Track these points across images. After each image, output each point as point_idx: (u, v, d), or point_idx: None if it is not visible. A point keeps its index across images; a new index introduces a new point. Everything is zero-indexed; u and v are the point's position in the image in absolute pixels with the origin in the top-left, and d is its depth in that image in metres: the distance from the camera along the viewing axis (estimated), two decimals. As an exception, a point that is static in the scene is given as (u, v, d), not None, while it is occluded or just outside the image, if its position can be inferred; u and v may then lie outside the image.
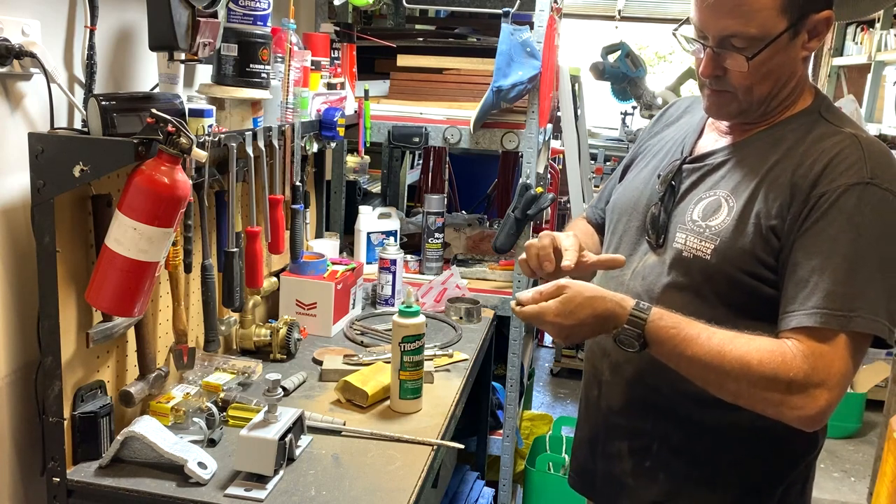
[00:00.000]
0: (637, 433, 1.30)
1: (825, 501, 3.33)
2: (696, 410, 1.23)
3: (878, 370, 4.01)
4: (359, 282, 2.11)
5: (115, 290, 1.21)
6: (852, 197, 1.09)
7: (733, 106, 1.21)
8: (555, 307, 1.13)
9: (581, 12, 6.95)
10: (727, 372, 1.08)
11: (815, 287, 1.08)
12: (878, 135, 4.74)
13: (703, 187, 1.24)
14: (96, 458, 1.32)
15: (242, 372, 1.63)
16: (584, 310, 1.13)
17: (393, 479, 1.32)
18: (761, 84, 1.17)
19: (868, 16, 4.85)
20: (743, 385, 1.08)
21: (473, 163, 3.46)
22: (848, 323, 1.06)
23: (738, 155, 1.23)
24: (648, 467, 1.29)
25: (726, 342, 1.09)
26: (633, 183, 1.38)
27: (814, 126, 1.18)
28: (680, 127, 1.39)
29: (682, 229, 1.22)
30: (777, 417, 1.10)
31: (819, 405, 1.06)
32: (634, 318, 1.11)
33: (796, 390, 1.06)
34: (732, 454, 1.25)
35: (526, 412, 3.06)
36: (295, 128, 1.77)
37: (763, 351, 1.08)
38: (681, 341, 1.10)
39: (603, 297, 1.13)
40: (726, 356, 1.08)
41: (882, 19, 4.76)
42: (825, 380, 1.06)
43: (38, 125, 1.30)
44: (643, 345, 1.12)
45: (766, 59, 1.14)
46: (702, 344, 1.09)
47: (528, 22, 2.19)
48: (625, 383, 1.30)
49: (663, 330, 1.11)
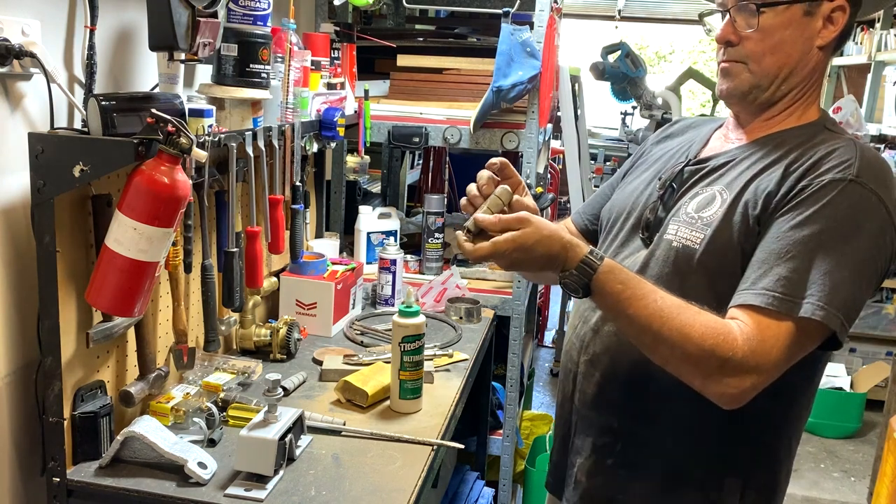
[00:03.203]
0: (605, 430, 1.29)
1: (825, 501, 3.33)
2: (666, 409, 1.23)
3: (878, 370, 4.01)
4: (359, 282, 2.11)
5: (115, 290, 1.21)
6: (833, 190, 1.09)
7: (744, 77, 1.21)
8: (509, 240, 1.11)
9: (581, 12, 6.96)
10: (664, 338, 1.08)
11: (770, 269, 1.08)
12: (877, 135, 4.74)
13: (702, 184, 1.25)
14: (96, 458, 1.32)
15: (242, 372, 1.63)
16: (539, 248, 1.11)
17: (393, 479, 1.32)
18: (772, 55, 1.18)
19: (868, 16, 4.85)
20: (677, 353, 1.08)
21: (473, 163, 3.45)
22: (795, 308, 1.05)
23: (740, 156, 1.24)
24: (609, 465, 1.29)
25: (674, 311, 1.09)
26: (631, 186, 1.39)
27: (816, 135, 1.20)
28: (685, 139, 1.40)
29: (675, 221, 1.23)
30: (699, 389, 1.10)
31: (744, 387, 1.06)
32: (584, 266, 1.10)
33: (728, 371, 1.06)
34: (698, 456, 1.24)
35: (526, 412, 3.06)
36: (295, 128, 1.77)
37: (707, 326, 1.07)
38: (625, 299, 1.10)
39: (560, 238, 1.12)
40: (667, 323, 1.08)
41: (882, 19, 4.76)
42: (759, 364, 1.06)
43: (38, 125, 1.30)
44: (586, 292, 1.11)
45: (779, 27, 1.16)
46: (646, 305, 1.09)
47: (528, 22, 2.19)
48: (600, 375, 1.29)
49: (609, 284, 1.10)
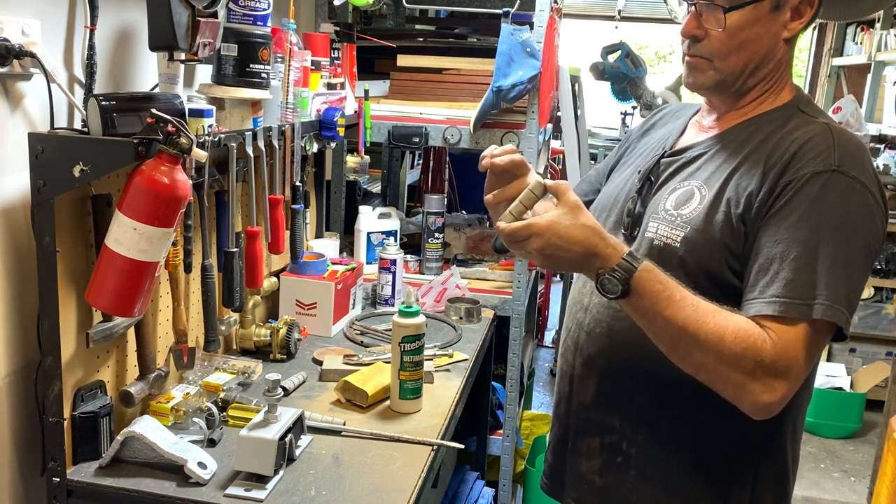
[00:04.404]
0: (608, 430, 1.29)
1: (825, 501, 3.33)
2: (667, 406, 1.23)
3: (878, 370, 4.01)
4: (359, 282, 2.11)
5: (115, 290, 1.21)
6: (817, 184, 1.09)
7: (709, 73, 1.21)
8: (549, 220, 1.07)
9: (581, 12, 6.95)
10: (700, 342, 1.06)
11: (776, 275, 1.08)
12: (877, 135, 4.74)
13: (678, 178, 1.25)
14: (96, 459, 1.32)
15: (242, 372, 1.63)
16: (576, 235, 1.07)
17: (393, 479, 1.32)
18: (737, 53, 1.17)
19: (868, 16, 4.85)
20: (711, 358, 1.07)
21: (473, 163, 3.45)
22: (808, 311, 1.05)
23: (714, 147, 1.23)
24: (620, 464, 1.28)
25: (709, 313, 1.07)
26: (614, 181, 1.39)
27: (790, 118, 1.19)
28: (666, 130, 1.40)
29: (655, 218, 1.22)
30: (733, 400, 1.09)
31: (777, 396, 1.06)
32: (626, 262, 1.08)
33: (760, 375, 1.05)
34: (706, 451, 1.23)
35: (526, 412, 3.06)
36: (295, 128, 1.77)
37: (739, 328, 1.06)
38: (664, 299, 1.08)
39: (600, 233, 1.10)
40: (703, 325, 1.06)
41: (882, 19, 4.76)
42: (789, 368, 1.05)
43: (38, 125, 1.30)
44: (625, 292, 1.08)
45: (745, 25, 1.15)
46: (684, 307, 1.07)
47: (528, 22, 2.19)
48: (597, 377, 1.29)
49: (650, 283, 1.08)
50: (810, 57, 5.96)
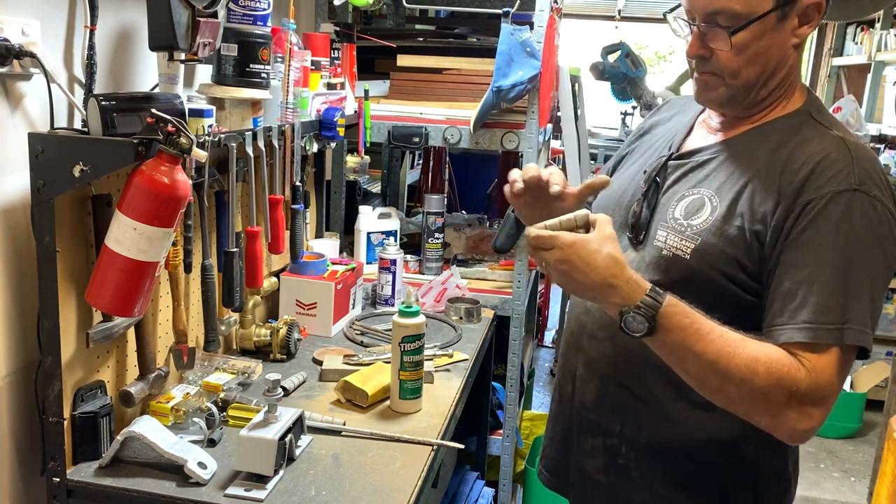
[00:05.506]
0: (609, 432, 1.29)
1: (825, 501, 3.33)
2: (668, 409, 1.22)
3: (878, 370, 4.01)
4: (359, 282, 2.11)
5: (115, 290, 1.21)
6: (840, 205, 1.07)
7: (720, 90, 1.18)
8: (576, 237, 1.05)
9: (581, 12, 6.95)
10: (731, 375, 1.04)
11: (805, 300, 1.06)
12: (877, 135, 4.74)
13: (687, 184, 1.22)
14: (96, 459, 1.32)
15: (242, 372, 1.63)
16: (598, 261, 1.04)
17: (393, 479, 1.32)
18: (748, 68, 1.15)
19: (868, 16, 4.85)
20: (745, 391, 1.05)
21: (473, 163, 3.46)
22: (840, 336, 1.04)
23: (724, 153, 1.21)
24: (622, 465, 1.28)
25: (738, 344, 1.05)
26: (618, 180, 1.36)
27: (802, 127, 1.16)
28: (671, 126, 1.37)
29: (664, 227, 1.20)
30: (769, 429, 1.08)
31: (814, 422, 1.05)
32: (650, 298, 1.04)
33: (795, 403, 1.04)
34: (707, 453, 1.23)
35: (526, 412, 3.06)
36: (295, 128, 1.77)
37: (771, 358, 1.04)
38: (693, 333, 1.05)
39: (623, 268, 1.05)
40: (735, 358, 1.04)
41: (882, 19, 4.76)
42: (825, 396, 1.04)
43: (38, 125, 1.30)
44: (650, 330, 1.04)
45: (752, 40, 1.12)
46: (713, 340, 1.05)
47: (528, 22, 2.19)
48: (598, 380, 1.29)
49: (677, 318, 1.04)
50: (810, 57, 5.96)
